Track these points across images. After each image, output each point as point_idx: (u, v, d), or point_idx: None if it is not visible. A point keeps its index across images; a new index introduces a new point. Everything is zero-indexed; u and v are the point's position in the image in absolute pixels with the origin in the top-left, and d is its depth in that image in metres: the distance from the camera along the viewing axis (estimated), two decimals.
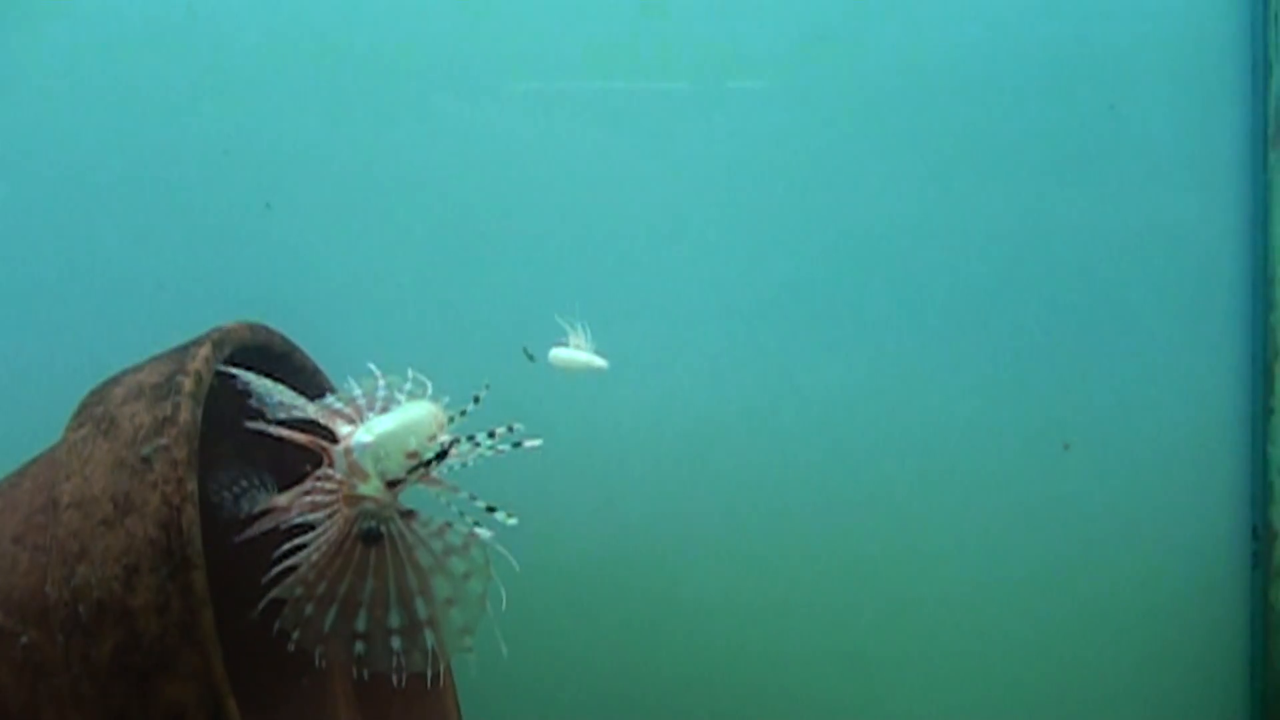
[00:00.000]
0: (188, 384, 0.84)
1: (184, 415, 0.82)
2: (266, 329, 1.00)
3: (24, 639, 0.81)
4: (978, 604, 1.30)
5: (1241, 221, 1.27)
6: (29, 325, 1.30)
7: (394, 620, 0.84)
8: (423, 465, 0.83)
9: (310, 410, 0.87)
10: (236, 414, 0.97)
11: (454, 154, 1.29)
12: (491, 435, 0.85)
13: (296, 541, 0.83)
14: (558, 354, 0.84)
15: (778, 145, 1.28)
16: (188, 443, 0.81)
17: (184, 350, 0.90)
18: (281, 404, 0.86)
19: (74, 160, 1.30)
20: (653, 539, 1.30)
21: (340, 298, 1.29)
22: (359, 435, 0.84)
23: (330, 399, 0.91)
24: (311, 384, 1.06)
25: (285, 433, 0.85)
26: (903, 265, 1.28)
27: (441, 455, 0.83)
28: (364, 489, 0.83)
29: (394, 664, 0.83)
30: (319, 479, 0.84)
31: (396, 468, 0.83)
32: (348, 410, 0.89)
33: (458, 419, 0.88)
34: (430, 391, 0.91)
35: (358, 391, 0.91)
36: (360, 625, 0.83)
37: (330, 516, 0.83)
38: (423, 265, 1.30)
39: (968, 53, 1.27)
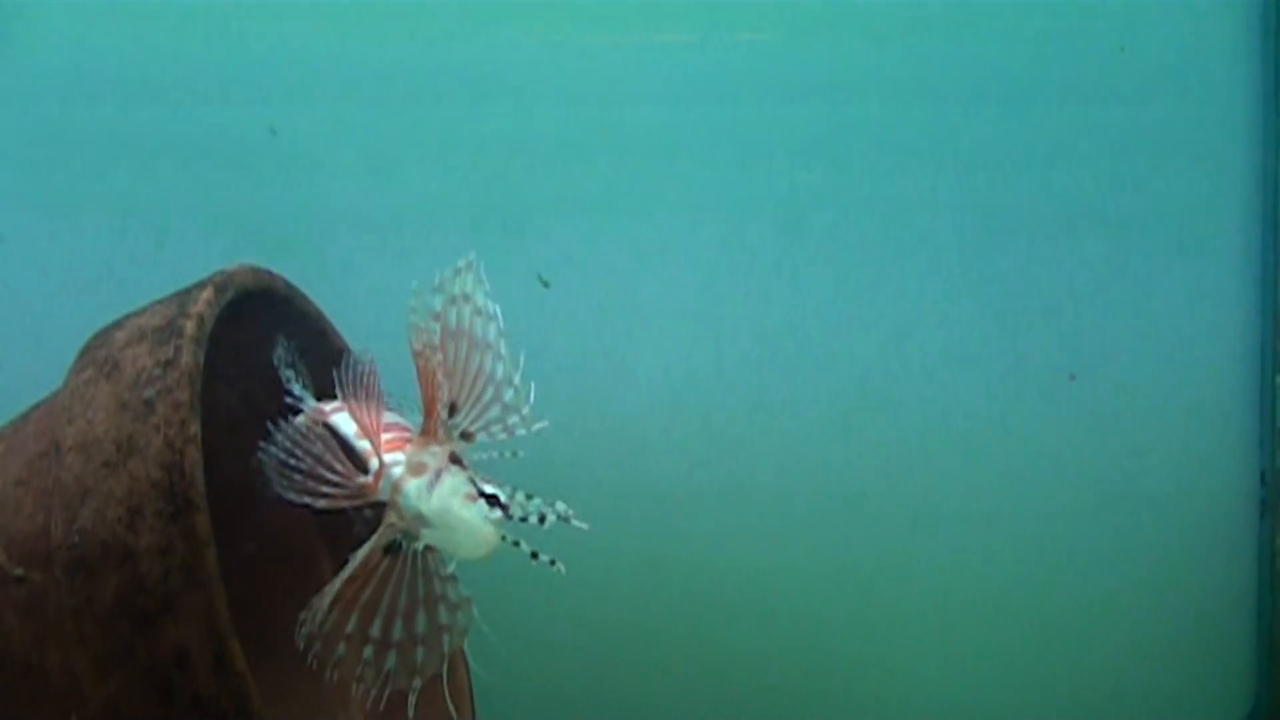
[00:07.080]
0: (189, 327, 0.84)
1: (186, 358, 0.82)
2: (269, 272, 0.99)
3: (28, 581, 0.81)
4: (976, 549, 1.29)
5: (1254, 158, 1.25)
6: (23, 269, 1.27)
7: (373, 631, 0.83)
8: None
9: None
10: (238, 360, 0.97)
11: (470, 85, 1.26)
12: (534, 556, 0.79)
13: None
14: None
15: (782, 92, 1.27)
16: (190, 385, 0.81)
17: (185, 293, 0.89)
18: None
19: (70, 90, 1.25)
20: (661, 527, 1.29)
21: (349, 231, 1.27)
22: (413, 490, 0.81)
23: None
24: (314, 330, 1.05)
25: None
26: (907, 193, 1.27)
27: None
28: (394, 519, 0.82)
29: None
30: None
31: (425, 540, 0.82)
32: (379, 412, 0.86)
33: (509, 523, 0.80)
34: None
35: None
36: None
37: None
38: (435, 199, 1.27)
39: None
